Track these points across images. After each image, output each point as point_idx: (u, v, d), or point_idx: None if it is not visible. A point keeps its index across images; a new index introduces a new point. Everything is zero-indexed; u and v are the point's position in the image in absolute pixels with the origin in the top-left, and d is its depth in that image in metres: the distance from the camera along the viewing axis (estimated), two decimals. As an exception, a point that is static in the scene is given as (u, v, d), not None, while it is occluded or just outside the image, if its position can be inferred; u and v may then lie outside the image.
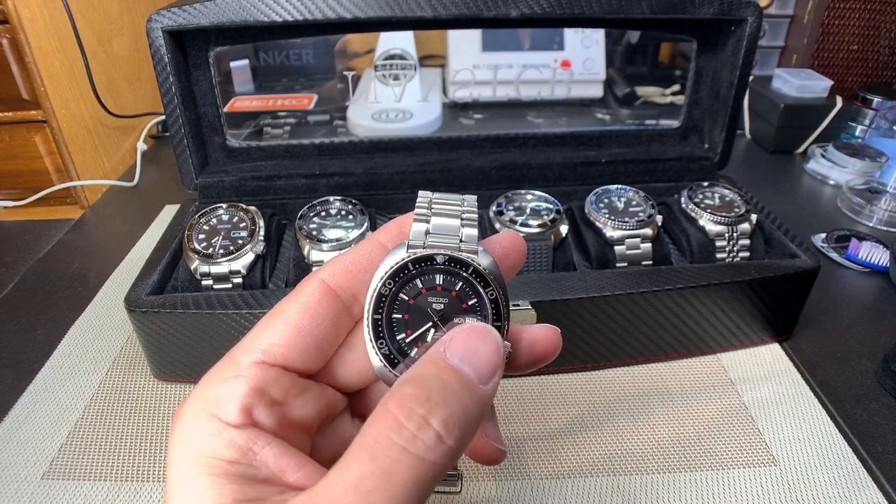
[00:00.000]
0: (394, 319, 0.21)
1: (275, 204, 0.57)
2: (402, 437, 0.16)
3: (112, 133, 0.81)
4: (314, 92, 0.73)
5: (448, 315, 0.21)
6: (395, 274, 0.20)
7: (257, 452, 0.18)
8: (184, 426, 0.18)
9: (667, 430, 0.44)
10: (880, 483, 0.40)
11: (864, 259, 0.61)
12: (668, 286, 0.45)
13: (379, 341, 0.20)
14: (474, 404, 0.18)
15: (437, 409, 0.17)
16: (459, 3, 0.49)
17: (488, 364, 0.19)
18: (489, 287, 0.21)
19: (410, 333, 0.21)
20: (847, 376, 0.48)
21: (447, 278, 0.21)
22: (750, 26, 0.53)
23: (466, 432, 0.17)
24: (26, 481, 0.40)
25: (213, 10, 0.48)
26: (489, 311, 0.21)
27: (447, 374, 0.18)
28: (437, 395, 0.17)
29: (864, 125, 0.87)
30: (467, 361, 0.18)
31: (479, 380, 0.18)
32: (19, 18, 0.62)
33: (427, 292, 0.21)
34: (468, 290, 0.21)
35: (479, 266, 0.21)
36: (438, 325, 0.21)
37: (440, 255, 0.20)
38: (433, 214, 0.22)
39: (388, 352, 0.20)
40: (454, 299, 0.21)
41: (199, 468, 0.17)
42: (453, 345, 0.19)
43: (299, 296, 0.21)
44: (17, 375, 0.49)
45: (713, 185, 0.56)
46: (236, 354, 0.20)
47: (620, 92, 0.78)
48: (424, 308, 0.21)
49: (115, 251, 0.65)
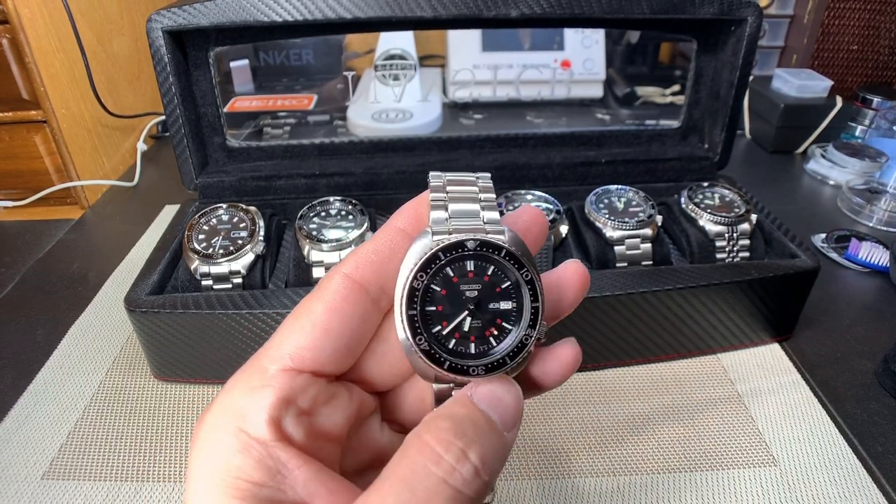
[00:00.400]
0: (428, 312, 0.20)
1: (275, 204, 0.57)
2: (442, 468, 0.16)
3: (112, 133, 0.81)
4: (314, 92, 0.73)
5: (484, 301, 0.20)
6: (426, 265, 0.19)
7: (286, 476, 0.17)
8: (207, 439, 0.17)
9: (667, 430, 0.44)
10: (880, 483, 0.40)
11: (864, 259, 0.61)
12: (668, 286, 0.45)
13: (417, 337, 0.19)
14: (501, 450, 0.18)
15: (474, 445, 0.17)
16: (459, 3, 0.49)
17: (511, 412, 0.19)
18: (524, 268, 0.20)
19: (446, 325, 0.20)
20: (847, 376, 0.48)
21: (478, 264, 0.20)
22: (750, 26, 0.53)
23: (496, 471, 0.17)
24: (26, 481, 0.40)
25: (213, 10, 0.48)
26: (526, 292, 0.20)
27: (477, 415, 0.18)
28: (472, 431, 0.17)
29: (864, 125, 0.87)
30: (493, 408, 0.18)
31: (503, 426, 0.18)
32: (19, 18, 0.62)
33: (458, 280, 0.20)
34: (500, 273, 0.20)
35: (510, 248, 0.20)
36: (475, 313, 0.20)
37: (471, 241, 0.20)
38: (450, 200, 0.21)
39: (427, 347, 0.19)
40: (487, 284, 0.20)
41: (222, 489, 0.16)
42: (479, 392, 0.19)
43: (324, 294, 0.19)
44: (17, 375, 0.49)
45: (713, 186, 0.56)
46: (263, 360, 0.19)
47: (620, 92, 0.78)
48: (458, 297, 0.20)
49: (115, 251, 0.65)
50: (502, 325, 0.20)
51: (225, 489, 0.16)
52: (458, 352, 0.20)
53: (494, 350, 0.20)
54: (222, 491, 0.16)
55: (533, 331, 0.20)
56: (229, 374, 0.19)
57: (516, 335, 0.20)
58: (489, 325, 0.20)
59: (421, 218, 0.21)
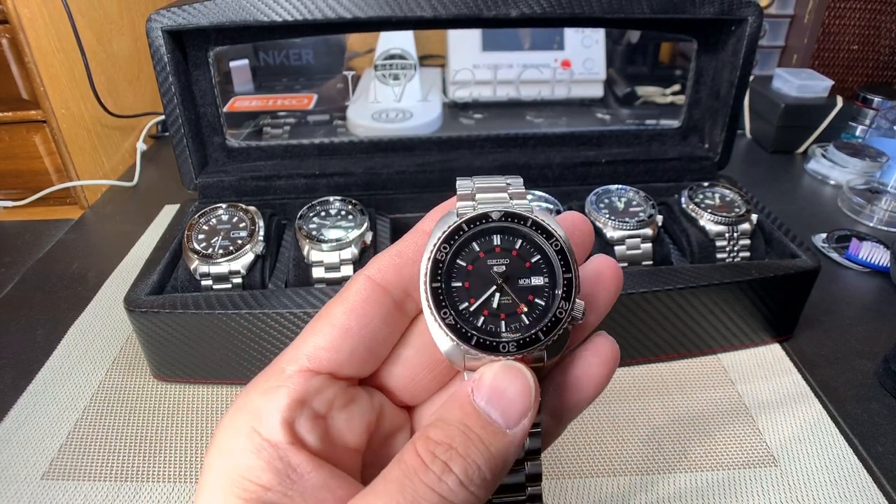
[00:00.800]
0: (454, 288, 0.19)
1: (274, 204, 0.56)
2: (428, 478, 0.16)
3: (112, 133, 0.81)
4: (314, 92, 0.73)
5: (513, 277, 0.19)
6: (450, 237, 0.19)
7: (296, 480, 0.17)
8: (223, 438, 0.17)
9: (667, 430, 0.44)
10: (881, 483, 0.40)
11: (865, 259, 0.61)
12: (668, 286, 0.45)
13: (442, 311, 0.18)
14: (499, 451, 0.17)
15: (457, 459, 0.16)
16: (459, 2, 0.49)
17: (516, 406, 0.17)
18: (552, 238, 0.19)
19: (473, 302, 0.19)
20: (847, 376, 0.48)
21: (505, 238, 0.19)
22: (750, 26, 0.53)
23: (491, 478, 0.17)
24: (26, 481, 0.40)
25: (212, 9, 0.48)
26: (557, 264, 0.19)
27: (471, 420, 0.17)
28: (459, 443, 0.17)
29: (864, 125, 0.87)
30: (494, 403, 0.17)
31: (505, 423, 0.17)
32: (19, 18, 0.62)
33: (486, 255, 0.19)
34: (529, 247, 0.19)
35: (537, 218, 0.19)
36: (504, 289, 0.19)
37: (495, 212, 0.19)
38: (478, 192, 0.20)
39: (453, 321, 0.18)
40: (515, 259, 0.19)
41: (229, 489, 0.16)
42: (480, 384, 0.18)
43: (346, 296, 0.19)
44: (17, 375, 0.49)
45: (713, 185, 0.55)
46: (282, 362, 0.19)
47: (621, 92, 0.78)
48: (485, 272, 0.19)
49: (114, 251, 0.65)
50: (534, 301, 0.19)
51: (231, 489, 0.16)
52: (487, 330, 0.19)
53: (527, 326, 0.19)
54: (229, 491, 0.16)
55: (567, 304, 0.19)
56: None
57: (551, 310, 0.19)
58: (520, 301, 0.19)
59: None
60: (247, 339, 0.44)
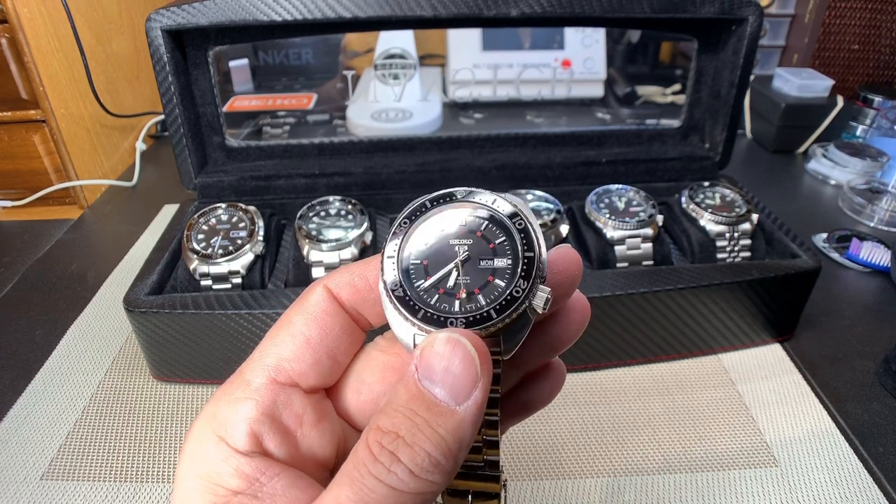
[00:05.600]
0: (412, 265, 0.18)
1: (274, 204, 0.56)
2: (377, 469, 0.16)
3: (111, 133, 0.81)
4: (314, 91, 0.73)
5: (474, 257, 0.19)
6: (412, 213, 0.19)
7: (264, 483, 0.17)
8: (193, 446, 0.18)
9: (667, 430, 0.44)
10: (881, 483, 0.39)
11: (865, 259, 0.61)
12: (668, 286, 0.45)
13: (393, 284, 0.18)
14: (450, 430, 0.16)
15: (404, 448, 0.16)
16: (459, 2, 0.49)
17: (462, 380, 0.16)
18: (516, 217, 0.19)
19: (429, 279, 0.18)
20: (848, 376, 0.48)
21: (470, 218, 0.19)
22: (751, 26, 0.53)
23: (446, 461, 0.16)
24: (25, 482, 0.40)
25: (212, 9, 0.48)
26: (519, 244, 0.18)
27: (416, 403, 0.16)
28: (405, 430, 0.16)
29: (865, 125, 0.87)
30: (438, 380, 0.16)
31: (454, 400, 0.16)
32: (18, 18, 0.62)
33: (448, 234, 0.19)
34: (493, 227, 0.19)
35: (503, 196, 0.19)
36: (461, 268, 0.18)
37: (460, 191, 0.19)
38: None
39: (402, 294, 0.18)
40: (479, 240, 0.19)
41: (202, 494, 0.17)
42: (422, 363, 0.17)
43: (305, 305, 0.19)
44: (17, 375, 0.49)
45: (714, 185, 0.55)
46: (246, 372, 0.19)
47: (621, 91, 0.78)
48: (447, 251, 0.19)
49: (113, 251, 0.65)
50: (494, 282, 0.18)
51: (204, 493, 0.17)
52: (439, 308, 0.18)
53: (481, 306, 0.18)
54: (201, 495, 0.17)
55: (525, 283, 0.18)
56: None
57: (507, 290, 0.18)
58: (479, 282, 0.18)
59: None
60: (246, 339, 0.44)
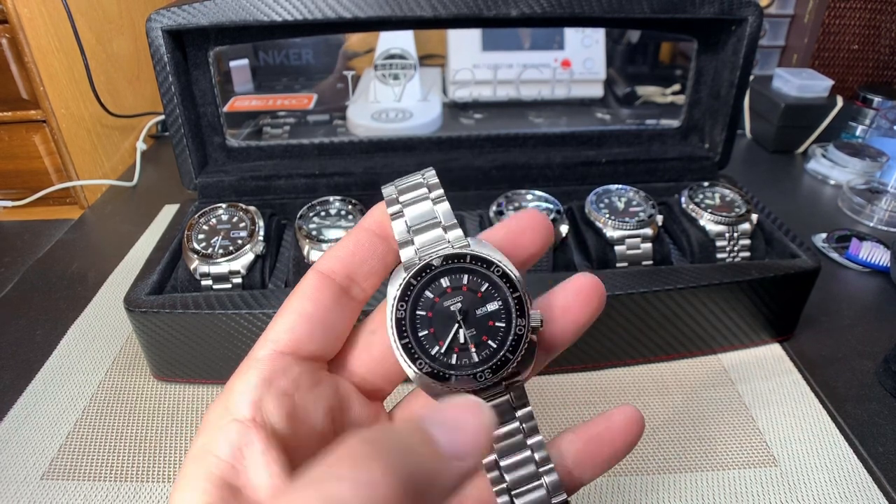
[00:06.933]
0: (422, 338, 0.21)
1: (274, 204, 0.56)
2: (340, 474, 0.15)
3: (111, 133, 0.81)
4: (314, 91, 0.73)
5: (470, 309, 0.21)
6: (403, 295, 0.21)
7: (246, 456, 0.18)
8: (206, 419, 0.19)
9: (667, 430, 0.44)
10: (881, 484, 0.40)
11: (865, 259, 0.61)
12: (668, 286, 0.45)
13: (417, 362, 0.20)
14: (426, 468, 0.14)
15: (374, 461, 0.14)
16: (459, 2, 0.49)
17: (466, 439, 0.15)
18: (492, 266, 0.21)
19: (442, 344, 0.21)
20: (848, 376, 0.48)
21: (453, 277, 0.21)
22: (750, 26, 0.53)
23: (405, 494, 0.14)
24: (25, 482, 0.40)
25: (212, 9, 0.48)
26: (504, 289, 0.21)
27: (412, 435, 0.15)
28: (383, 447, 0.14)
29: (864, 125, 0.87)
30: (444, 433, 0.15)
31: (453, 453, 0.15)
32: (19, 18, 0.62)
33: (440, 298, 0.21)
34: (476, 278, 0.21)
35: (474, 252, 0.21)
36: (464, 323, 0.21)
37: (436, 259, 0.21)
38: (405, 206, 0.22)
39: (430, 369, 0.20)
40: (467, 293, 0.21)
41: (197, 463, 0.18)
42: (434, 418, 0.15)
43: (299, 288, 0.22)
44: (17, 375, 0.49)
45: (714, 185, 0.55)
46: (255, 350, 0.21)
47: (621, 91, 0.78)
48: (445, 313, 0.21)
49: (114, 251, 0.65)
50: (495, 325, 0.21)
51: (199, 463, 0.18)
52: (461, 364, 0.20)
53: (495, 350, 0.20)
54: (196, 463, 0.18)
55: (523, 320, 0.20)
56: (229, 374, 0.21)
57: (511, 330, 0.20)
58: (483, 330, 0.21)
59: (385, 218, 0.22)
60: (247, 339, 0.44)
